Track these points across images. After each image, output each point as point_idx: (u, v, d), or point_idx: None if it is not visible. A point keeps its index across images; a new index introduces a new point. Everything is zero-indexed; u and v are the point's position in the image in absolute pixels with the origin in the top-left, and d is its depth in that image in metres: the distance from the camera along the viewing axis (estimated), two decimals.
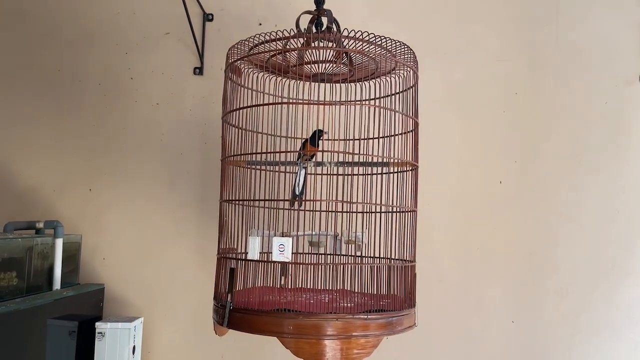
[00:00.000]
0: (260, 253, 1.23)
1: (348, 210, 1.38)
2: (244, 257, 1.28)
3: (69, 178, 1.92)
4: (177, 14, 1.85)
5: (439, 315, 1.80)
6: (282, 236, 1.18)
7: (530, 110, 1.84)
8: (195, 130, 1.90)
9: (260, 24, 1.89)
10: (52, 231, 1.67)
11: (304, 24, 1.31)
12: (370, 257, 1.37)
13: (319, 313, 1.14)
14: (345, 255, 1.41)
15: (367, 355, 1.21)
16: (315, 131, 1.37)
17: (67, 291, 1.63)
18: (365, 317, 1.15)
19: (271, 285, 1.43)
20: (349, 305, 1.25)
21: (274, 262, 1.17)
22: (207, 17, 1.93)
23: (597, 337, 1.77)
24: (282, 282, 1.51)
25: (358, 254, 1.40)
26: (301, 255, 1.48)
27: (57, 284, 1.64)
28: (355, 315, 1.15)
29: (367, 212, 1.39)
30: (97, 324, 1.63)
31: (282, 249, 1.15)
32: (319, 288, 1.43)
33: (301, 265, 1.42)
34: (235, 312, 1.19)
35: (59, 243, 1.65)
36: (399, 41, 1.30)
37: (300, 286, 1.44)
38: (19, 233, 1.65)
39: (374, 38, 1.24)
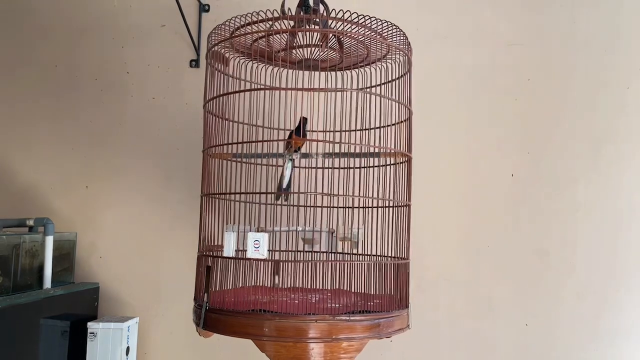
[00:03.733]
0: (237, 251, 1.15)
1: (329, 204, 1.30)
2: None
3: (65, 175, 1.89)
4: (173, 5, 1.79)
5: (446, 317, 1.70)
6: (258, 231, 1.10)
7: (544, 97, 1.72)
8: (192, 124, 1.84)
9: None
10: (43, 229, 1.64)
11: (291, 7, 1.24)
12: (358, 254, 1.28)
13: (297, 314, 1.06)
14: (339, 252, 1.33)
15: None
16: (300, 120, 1.29)
17: (56, 290, 1.59)
18: (347, 318, 1.07)
19: (259, 284, 1.37)
20: (335, 305, 1.17)
21: (249, 259, 1.09)
22: (204, 8, 1.87)
23: (617, 341, 1.64)
24: (276, 281, 1.43)
25: (354, 251, 1.32)
26: (293, 253, 1.41)
27: (47, 282, 1.60)
28: (336, 317, 1.06)
29: (356, 207, 1.30)
30: (89, 324, 1.59)
31: (258, 245, 1.07)
32: (315, 288, 1.36)
33: (288, 263, 1.35)
34: (211, 312, 1.12)
35: (49, 241, 1.61)
36: (387, 21, 1.21)
37: (295, 286, 1.36)
38: (9, 230, 1.63)
39: (357, 18, 1.15)
